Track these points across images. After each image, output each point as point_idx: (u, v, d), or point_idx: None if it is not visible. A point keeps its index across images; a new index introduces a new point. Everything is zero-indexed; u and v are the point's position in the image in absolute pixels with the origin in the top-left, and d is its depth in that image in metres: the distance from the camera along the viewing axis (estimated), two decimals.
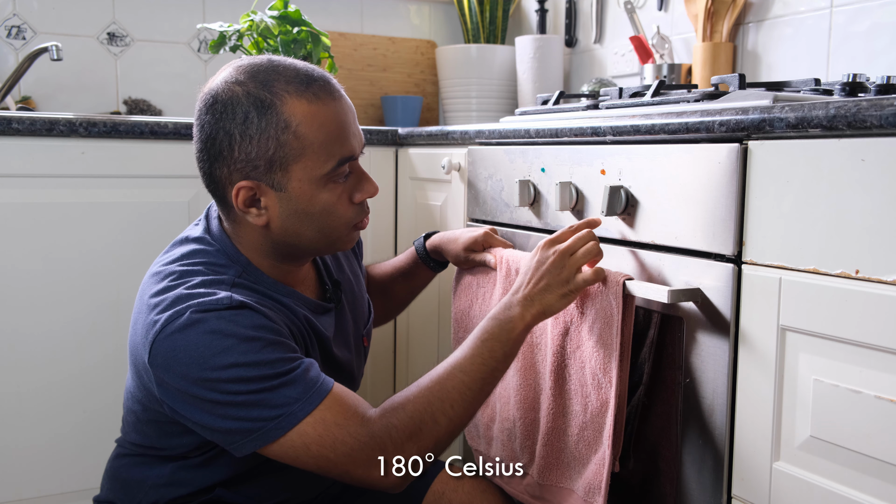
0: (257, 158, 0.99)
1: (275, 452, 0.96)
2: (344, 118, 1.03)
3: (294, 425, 0.94)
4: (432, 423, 0.98)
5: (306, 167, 1.00)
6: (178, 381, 0.95)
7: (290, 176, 1.01)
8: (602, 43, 2.20)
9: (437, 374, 1.01)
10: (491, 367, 1.02)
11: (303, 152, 1.00)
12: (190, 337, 0.95)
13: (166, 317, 0.96)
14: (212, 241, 1.08)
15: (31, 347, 1.54)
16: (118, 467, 1.15)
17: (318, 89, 1.01)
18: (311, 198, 1.02)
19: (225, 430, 0.96)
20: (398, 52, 2.45)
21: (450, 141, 1.60)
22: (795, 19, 1.65)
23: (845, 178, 0.83)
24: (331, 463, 0.96)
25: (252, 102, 0.99)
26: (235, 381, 0.93)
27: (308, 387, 0.95)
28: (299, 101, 0.99)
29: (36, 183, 1.52)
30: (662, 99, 1.21)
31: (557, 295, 1.06)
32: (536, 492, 1.20)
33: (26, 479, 1.55)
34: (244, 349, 0.94)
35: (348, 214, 1.06)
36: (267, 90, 0.99)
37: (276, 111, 0.98)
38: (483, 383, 1.01)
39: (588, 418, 1.10)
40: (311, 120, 0.99)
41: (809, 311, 0.87)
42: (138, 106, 2.15)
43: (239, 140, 0.99)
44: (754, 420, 0.94)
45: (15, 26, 2.03)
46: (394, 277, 1.44)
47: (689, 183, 1.01)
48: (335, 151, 1.01)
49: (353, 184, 1.06)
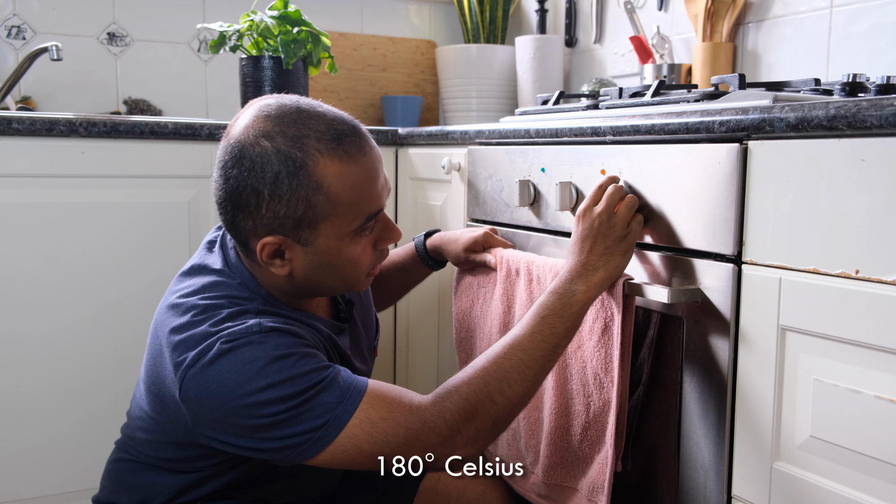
0: (285, 217, 0.97)
1: (327, 460, 0.95)
2: (374, 174, 1.00)
3: (340, 430, 0.93)
4: (489, 403, 0.96)
5: (335, 225, 0.99)
6: (213, 414, 0.94)
7: (319, 233, 0.99)
8: (602, 43, 2.20)
9: (495, 353, 0.99)
10: (552, 343, 1.00)
11: (332, 212, 0.97)
12: (222, 367, 0.93)
13: (195, 353, 0.95)
14: (231, 273, 1.05)
15: (31, 347, 1.54)
16: (124, 471, 1.13)
17: (350, 146, 0.98)
18: (337, 252, 1.01)
19: (273, 450, 0.94)
20: (398, 52, 2.45)
21: (450, 141, 1.60)
22: (795, 19, 1.65)
23: (845, 178, 0.83)
24: (387, 457, 0.95)
25: (282, 161, 0.95)
26: (274, 402, 0.92)
27: (345, 390, 0.95)
28: (331, 161, 0.96)
29: (36, 183, 1.52)
30: (662, 99, 1.21)
31: (619, 254, 1.03)
32: (541, 490, 1.20)
33: (26, 479, 1.55)
34: (277, 368, 0.93)
35: (370, 262, 1.05)
36: (298, 148, 0.95)
37: (308, 172, 0.95)
38: (544, 360, 0.99)
39: (591, 418, 1.10)
40: (343, 181, 0.97)
41: (809, 311, 0.87)
42: (138, 106, 2.15)
43: (268, 199, 0.96)
44: (754, 420, 0.94)
45: (15, 26, 2.03)
46: (391, 271, 1.44)
47: (689, 183, 1.01)
48: (364, 209, 1.00)
49: (379, 231, 1.05)
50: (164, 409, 1.02)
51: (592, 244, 1.04)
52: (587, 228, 1.05)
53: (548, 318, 1.00)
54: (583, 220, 1.06)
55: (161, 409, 1.03)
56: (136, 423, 1.10)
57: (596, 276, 1.02)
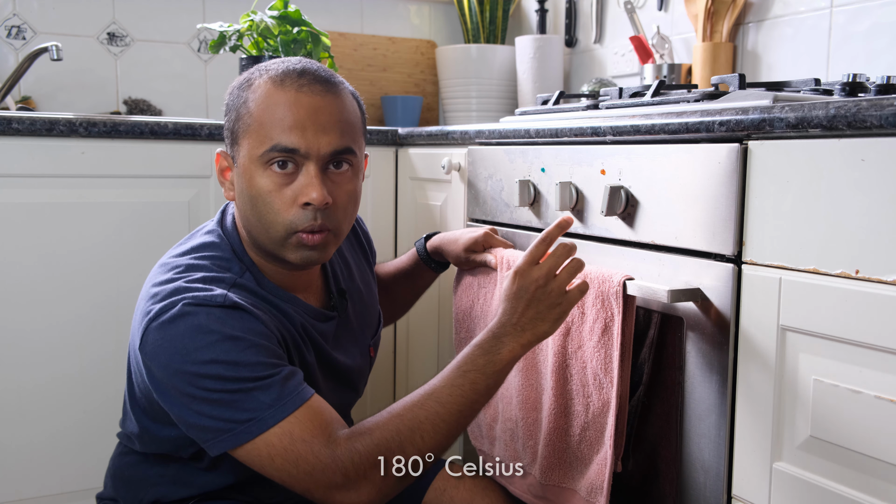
0: (228, 129, 1.06)
1: (242, 457, 0.96)
2: (297, 109, 1.00)
3: (262, 432, 0.94)
4: (399, 452, 0.96)
5: (250, 144, 1.02)
6: (161, 371, 0.96)
7: (240, 150, 1.04)
8: (602, 43, 2.20)
9: (411, 401, 0.99)
10: (471, 399, 0.98)
11: (249, 128, 1.02)
12: (178, 328, 0.96)
13: (160, 306, 0.98)
14: (222, 234, 1.09)
15: (31, 347, 1.54)
16: (121, 466, 1.15)
17: (290, 78, 1.03)
18: (251, 178, 1.02)
19: (198, 427, 0.96)
20: (398, 52, 2.45)
21: (450, 141, 1.60)
22: (795, 19, 1.65)
23: (845, 178, 0.83)
24: (293, 479, 0.95)
25: (242, 79, 1.07)
26: (212, 377, 0.94)
27: (282, 395, 0.95)
28: (266, 83, 1.03)
29: (36, 183, 1.52)
30: (662, 99, 1.21)
31: (550, 321, 1.01)
32: (539, 492, 1.20)
33: (26, 479, 1.55)
34: (226, 348, 0.95)
35: (286, 213, 1.01)
36: (258, 71, 1.05)
37: (250, 88, 1.04)
38: (460, 416, 0.98)
39: (590, 418, 1.10)
40: (264, 100, 1.02)
41: (809, 311, 0.87)
42: (138, 106, 2.15)
43: (226, 111, 1.07)
44: (754, 420, 0.94)
45: (15, 26, 2.03)
46: (396, 278, 1.44)
47: (689, 183, 1.01)
48: (273, 135, 1.00)
49: (301, 184, 1.01)
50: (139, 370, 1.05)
51: (525, 307, 1.01)
52: (522, 289, 1.01)
53: (469, 374, 0.99)
54: (519, 279, 1.01)
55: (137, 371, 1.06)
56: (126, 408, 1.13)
57: (523, 338, 1.00)
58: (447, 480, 1.27)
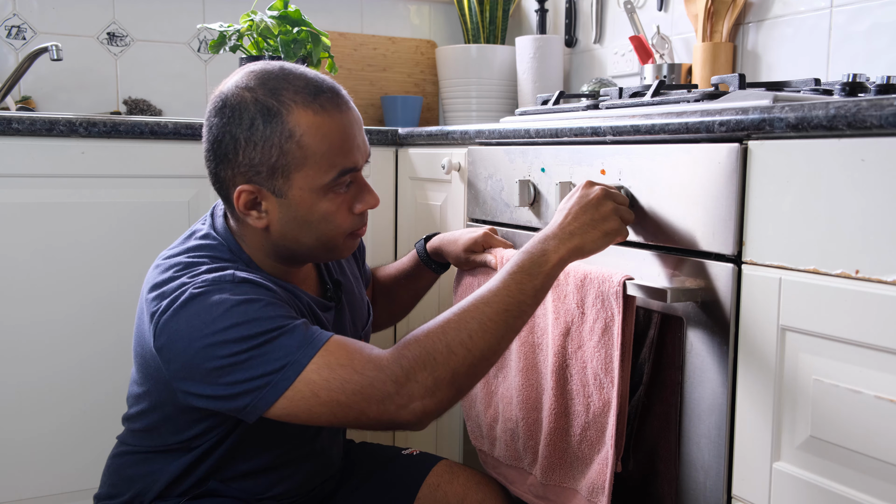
0: (260, 164, 1.01)
1: (286, 408, 0.94)
2: (349, 130, 1.03)
3: (299, 373, 0.93)
4: (447, 353, 0.94)
5: (307, 176, 1.01)
6: (182, 357, 0.96)
7: (292, 184, 1.01)
8: (602, 43, 2.20)
9: (459, 307, 0.98)
10: (517, 300, 0.97)
11: (305, 162, 1.00)
12: (191, 309, 0.96)
13: (168, 300, 0.98)
14: (216, 236, 1.09)
15: (31, 347, 1.54)
16: (122, 464, 1.15)
17: (326, 101, 1.02)
18: (310, 206, 1.03)
19: (233, 396, 0.95)
20: (398, 52, 2.45)
21: (450, 141, 1.60)
22: (795, 19, 1.65)
23: (845, 178, 0.83)
24: (344, 407, 0.93)
25: (259, 109, 1.00)
26: (235, 340, 0.94)
27: (308, 336, 0.96)
28: (305, 112, 1.00)
29: (36, 183, 1.52)
30: (662, 99, 1.21)
31: (600, 232, 1.01)
32: (540, 492, 1.20)
33: (25, 479, 1.55)
34: (243, 310, 0.95)
35: (347, 224, 1.06)
36: (275, 98, 1.00)
37: (282, 120, 0.99)
38: (507, 315, 0.96)
39: (590, 418, 1.10)
40: (316, 131, 1.00)
41: (809, 311, 0.87)
42: (138, 106, 2.15)
43: (244, 145, 1.00)
44: (754, 420, 0.94)
45: (15, 26, 2.03)
46: (397, 280, 1.45)
47: (689, 183, 1.01)
48: (337, 162, 1.02)
49: (355, 194, 1.06)
50: (148, 372, 1.05)
51: (577, 213, 1.02)
52: (579, 198, 1.03)
53: (516, 275, 0.98)
54: (583, 189, 1.05)
55: (146, 372, 1.06)
56: (130, 403, 1.14)
57: (571, 242, 1.00)
58: (441, 476, 1.27)
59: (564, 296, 1.13)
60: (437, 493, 1.26)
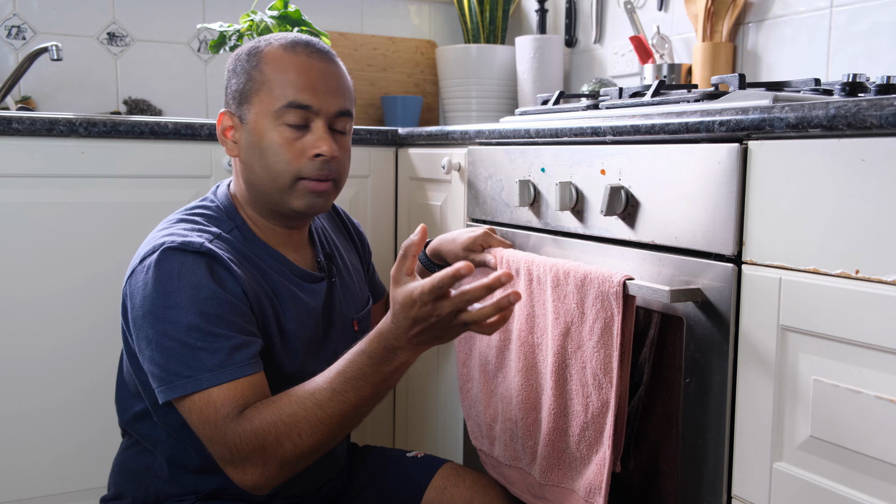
0: (236, 91, 1.12)
1: (180, 408, 1.01)
2: (311, 72, 1.10)
3: (195, 391, 0.98)
4: (276, 445, 0.97)
5: (262, 101, 1.09)
6: (138, 310, 1.02)
7: (251, 108, 1.10)
8: (602, 43, 2.20)
9: (296, 396, 0.98)
10: (354, 405, 0.97)
11: (262, 87, 1.09)
12: (152, 273, 1.01)
13: (144, 253, 1.04)
14: (213, 198, 1.16)
15: (30, 347, 1.54)
16: (125, 458, 1.17)
17: (301, 47, 1.12)
18: (262, 133, 1.09)
19: (150, 373, 1.02)
20: (398, 52, 2.44)
21: (450, 141, 1.60)
22: (795, 19, 1.65)
23: (845, 178, 0.83)
24: (203, 440, 1.00)
25: (247, 49, 1.14)
26: (171, 323, 0.99)
27: (225, 363, 0.99)
28: (277, 49, 1.11)
29: (36, 183, 1.52)
30: (662, 99, 1.21)
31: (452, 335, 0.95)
32: (538, 492, 1.20)
33: (26, 479, 1.55)
34: (189, 295, 1.00)
35: (295, 163, 1.09)
36: (263, 41, 1.13)
37: (259, 54, 1.11)
38: (342, 418, 0.97)
39: (589, 418, 1.10)
40: (278, 62, 1.10)
41: (809, 311, 0.87)
42: (138, 106, 2.15)
43: (230, 76, 1.14)
44: (754, 420, 0.94)
45: (15, 26, 2.03)
46: None
47: (689, 183, 1.01)
48: (288, 93, 1.09)
49: (312, 141, 1.10)
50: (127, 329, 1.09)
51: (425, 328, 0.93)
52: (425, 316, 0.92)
53: (354, 381, 0.96)
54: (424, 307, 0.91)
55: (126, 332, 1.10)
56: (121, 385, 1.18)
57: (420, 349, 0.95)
58: (447, 478, 1.27)
59: (564, 296, 1.13)
60: (444, 496, 1.26)
